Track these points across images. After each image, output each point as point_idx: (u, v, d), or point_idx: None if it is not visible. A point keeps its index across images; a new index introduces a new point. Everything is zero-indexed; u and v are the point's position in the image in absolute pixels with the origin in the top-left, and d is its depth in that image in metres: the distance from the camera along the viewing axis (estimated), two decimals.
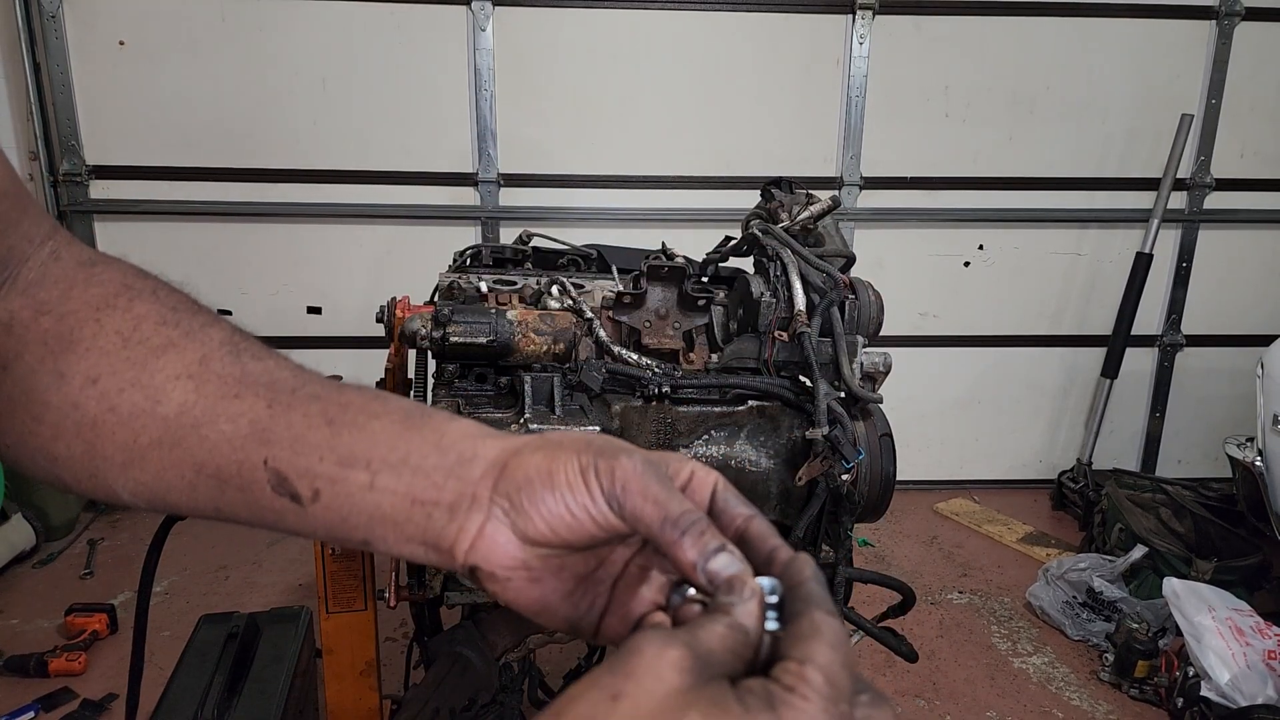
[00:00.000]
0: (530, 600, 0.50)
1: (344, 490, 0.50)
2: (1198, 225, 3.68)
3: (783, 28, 3.37)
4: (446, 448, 0.50)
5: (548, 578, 0.50)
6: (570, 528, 0.47)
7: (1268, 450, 2.58)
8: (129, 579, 2.87)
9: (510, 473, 0.48)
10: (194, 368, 0.54)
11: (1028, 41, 3.45)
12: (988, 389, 3.80)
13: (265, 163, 3.29)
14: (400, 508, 0.50)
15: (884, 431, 1.41)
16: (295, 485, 0.51)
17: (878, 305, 1.43)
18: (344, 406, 0.53)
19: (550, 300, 1.45)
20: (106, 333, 0.54)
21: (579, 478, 0.46)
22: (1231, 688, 2.18)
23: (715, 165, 3.45)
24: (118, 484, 0.54)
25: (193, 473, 0.53)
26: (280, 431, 0.52)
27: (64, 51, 3.11)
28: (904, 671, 2.51)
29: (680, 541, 0.43)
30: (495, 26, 3.25)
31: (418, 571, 1.41)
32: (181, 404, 0.53)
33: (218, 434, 0.52)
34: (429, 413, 0.53)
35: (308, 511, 0.51)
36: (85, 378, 0.53)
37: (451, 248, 1.86)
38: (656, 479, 0.45)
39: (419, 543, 0.50)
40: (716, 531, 0.44)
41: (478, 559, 0.49)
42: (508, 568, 0.49)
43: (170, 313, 0.56)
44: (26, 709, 2.22)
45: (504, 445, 0.50)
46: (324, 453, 0.51)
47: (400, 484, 0.50)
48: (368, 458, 0.50)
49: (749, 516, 0.47)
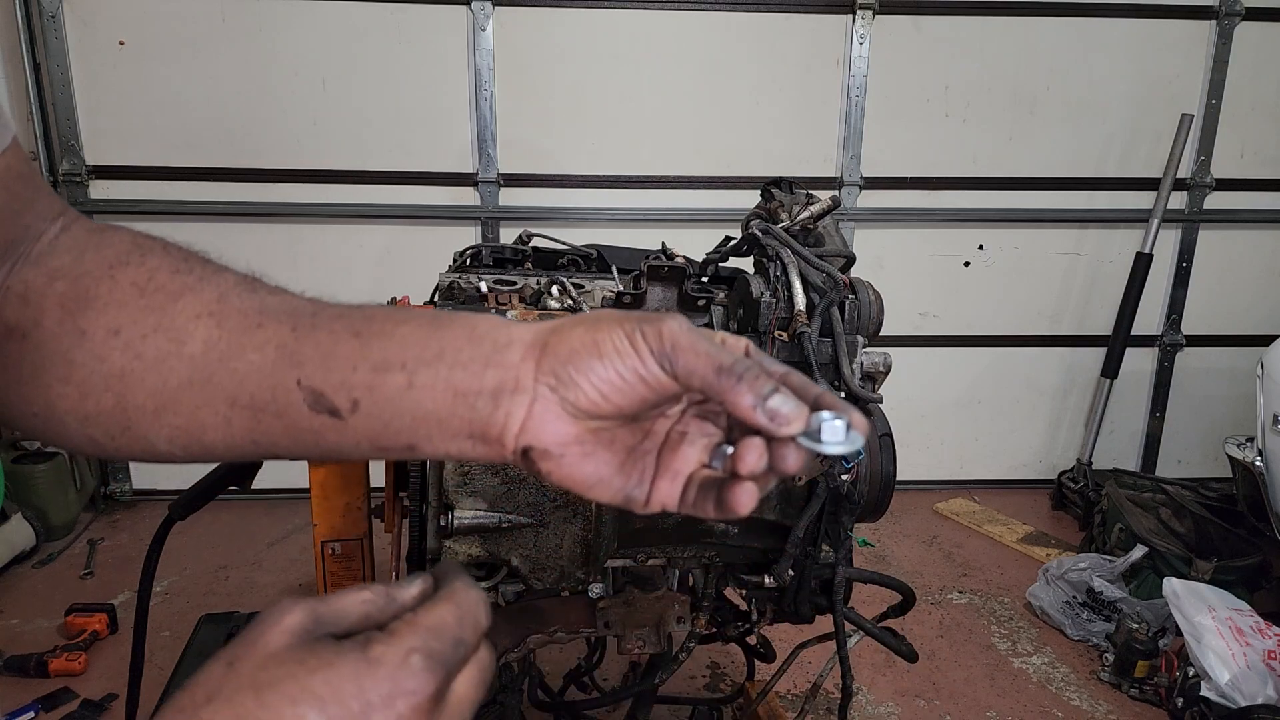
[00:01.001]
0: (585, 475, 0.51)
1: (383, 395, 0.50)
2: (1198, 225, 3.68)
3: (783, 28, 3.37)
4: (480, 338, 0.51)
5: (599, 451, 0.51)
6: (622, 392, 0.48)
7: (1268, 450, 2.58)
8: (129, 579, 2.87)
9: (553, 349, 0.49)
10: (213, 305, 0.54)
11: (1028, 41, 3.45)
12: (987, 389, 3.80)
13: (265, 163, 3.29)
14: (443, 402, 0.50)
15: (884, 431, 1.41)
16: (332, 399, 0.51)
17: (878, 305, 1.43)
18: (368, 319, 0.53)
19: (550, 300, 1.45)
20: (122, 286, 0.54)
21: (626, 342, 0.47)
22: (1231, 688, 2.18)
23: (715, 165, 3.45)
24: (152, 432, 0.54)
25: (226, 407, 0.53)
26: (309, 352, 0.51)
27: (64, 51, 3.11)
28: (904, 671, 2.51)
29: (737, 387, 0.45)
30: (495, 26, 3.25)
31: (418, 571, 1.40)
32: (206, 341, 0.53)
33: (246, 364, 0.52)
34: (455, 312, 0.54)
35: (348, 424, 0.51)
36: (107, 330, 0.53)
37: (451, 248, 1.86)
38: (703, 336, 0.47)
39: (466, 436, 0.51)
40: (769, 374, 0.46)
41: (529, 439, 0.50)
42: (561, 444, 0.50)
43: (182, 262, 0.56)
44: (26, 709, 2.22)
45: (539, 327, 0.51)
46: (356, 362, 0.51)
47: (439, 379, 0.50)
48: (402, 360, 0.50)
49: (785, 373, 0.48)
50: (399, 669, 0.37)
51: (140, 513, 3.41)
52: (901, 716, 2.36)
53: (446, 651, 0.40)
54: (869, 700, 2.41)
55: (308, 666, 0.37)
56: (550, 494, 1.30)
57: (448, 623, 0.41)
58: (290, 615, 0.39)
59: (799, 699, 2.35)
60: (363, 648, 0.38)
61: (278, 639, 0.38)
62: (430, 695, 0.38)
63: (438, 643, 0.39)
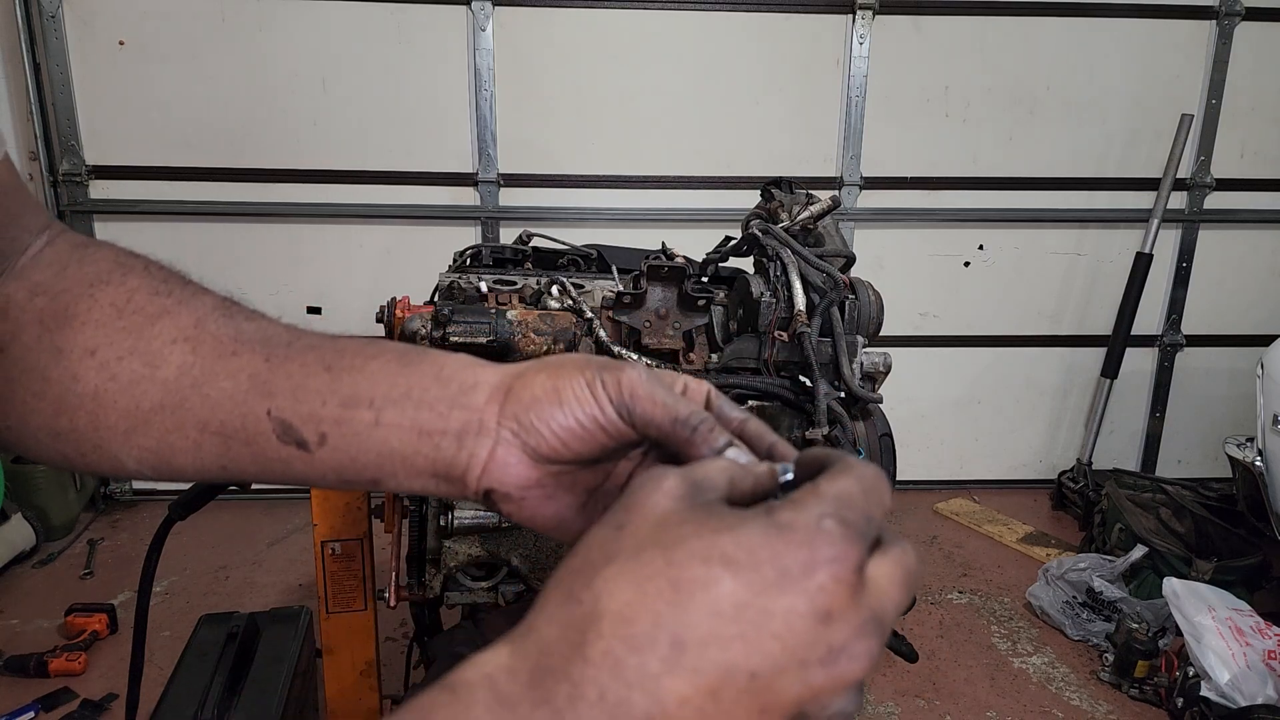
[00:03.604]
0: (546, 517, 0.52)
1: (350, 430, 0.51)
2: (1198, 225, 3.68)
3: (783, 28, 3.37)
4: (447, 379, 0.52)
5: (561, 494, 0.52)
6: (581, 440, 0.49)
7: (1268, 450, 2.58)
8: (129, 579, 2.87)
9: (516, 394, 0.50)
10: (189, 330, 0.55)
11: (1028, 41, 3.45)
12: (987, 389, 3.80)
13: (265, 163, 3.29)
14: (408, 441, 0.51)
15: (884, 431, 1.41)
16: (301, 431, 0.52)
17: (878, 305, 1.43)
18: (339, 352, 0.53)
19: (550, 300, 1.45)
20: (101, 305, 0.54)
21: (586, 392, 0.48)
22: (1231, 688, 2.18)
23: (715, 165, 3.45)
24: (122, 453, 0.55)
25: (196, 432, 0.53)
26: (280, 383, 0.52)
27: (64, 51, 3.11)
28: (904, 671, 2.51)
29: (691, 440, 0.46)
30: (495, 26, 3.25)
31: (418, 571, 1.40)
32: (180, 366, 0.54)
33: (219, 391, 0.53)
34: (424, 350, 0.54)
35: (315, 456, 0.52)
36: (83, 350, 0.54)
37: (451, 248, 1.86)
38: (660, 385, 0.48)
39: (430, 475, 0.52)
40: (723, 428, 0.47)
41: (491, 482, 0.51)
42: (522, 487, 0.51)
43: (162, 284, 0.57)
44: (26, 709, 2.22)
45: (504, 371, 0.52)
46: (326, 397, 0.52)
47: (405, 418, 0.51)
48: (370, 396, 0.51)
49: (744, 419, 0.50)
50: (815, 535, 0.34)
51: (140, 513, 3.41)
52: (901, 716, 2.36)
53: (860, 523, 0.35)
54: (869, 700, 2.41)
55: (711, 527, 0.35)
56: None
57: (854, 494, 0.37)
58: (669, 479, 0.38)
59: None
60: (767, 512, 0.35)
61: (664, 502, 0.37)
62: (853, 567, 0.34)
63: (850, 512, 0.36)
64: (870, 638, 0.34)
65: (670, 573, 0.33)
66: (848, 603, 0.34)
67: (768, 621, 0.33)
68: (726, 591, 0.33)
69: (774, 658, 0.33)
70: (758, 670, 0.33)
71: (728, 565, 0.33)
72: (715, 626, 0.33)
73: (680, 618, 0.33)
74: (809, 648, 0.33)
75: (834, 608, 0.33)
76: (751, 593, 0.33)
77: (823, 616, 0.33)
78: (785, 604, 0.33)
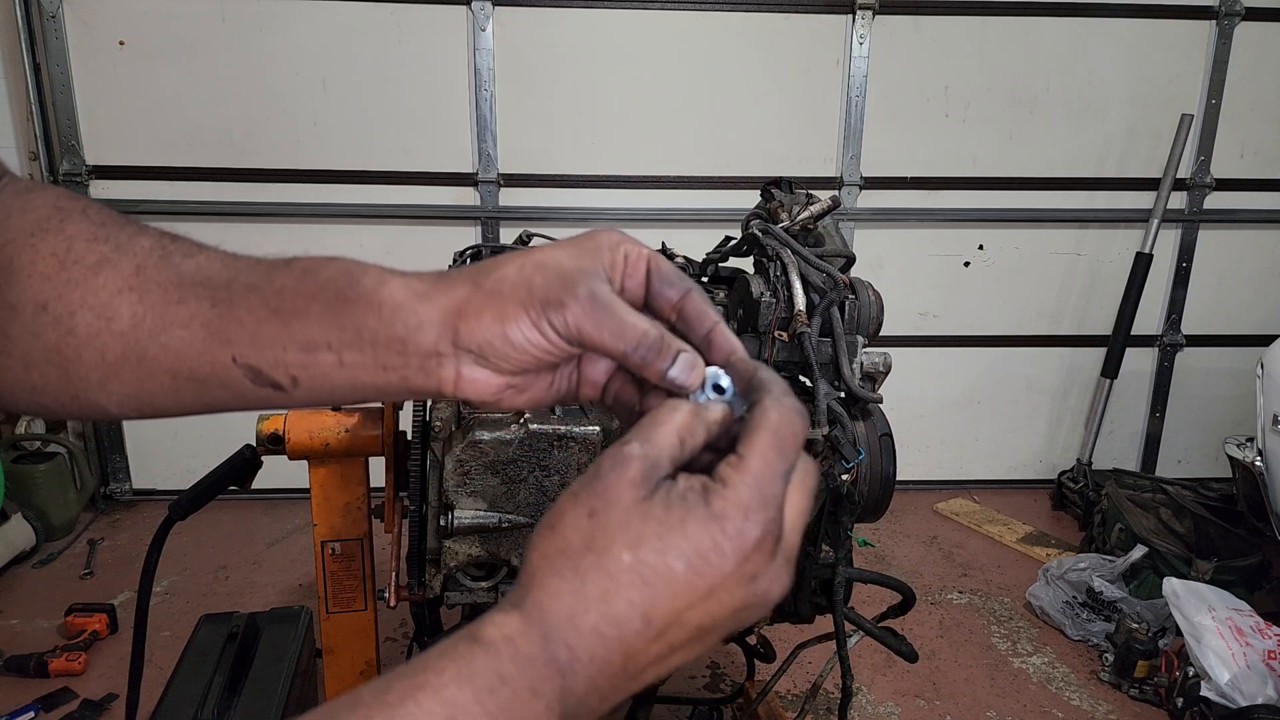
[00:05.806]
0: (522, 403, 0.55)
1: (318, 372, 0.53)
2: (1197, 225, 3.68)
3: (783, 28, 3.37)
4: (388, 319, 0.52)
5: (530, 383, 0.54)
6: (539, 360, 0.52)
7: (1268, 450, 2.58)
8: (129, 579, 2.87)
9: (465, 336, 0.51)
10: (132, 279, 0.54)
11: (1028, 41, 3.45)
12: (988, 389, 3.80)
13: (265, 163, 3.29)
14: (375, 375, 0.53)
15: (884, 431, 1.41)
16: (272, 375, 0.53)
17: (878, 305, 1.43)
18: (279, 293, 0.53)
19: None
20: (43, 256, 0.54)
21: (534, 331, 0.50)
22: (1231, 688, 2.18)
23: (715, 165, 3.45)
24: (102, 399, 0.55)
25: (169, 379, 0.54)
26: (234, 330, 0.53)
27: (64, 51, 3.11)
28: (904, 671, 2.51)
29: (643, 365, 0.50)
30: (495, 26, 3.25)
31: (418, 571, 1.41)
32: (132, 317, 0.53)
33: (177, 340, 0.53)
34: (351, 279, 0.53)
35: (293, 395, 0.54)
36: (35, 305, 0.53)
37: (451, 248, 1.86)
38: (605, 310, 0.50)
39: (406, 393, 0.54)
40: (670, 341, 0.50)
41: (464, 394, 0.53)
42: (495, 392, 0.53)
43: (99, 228, 0.56)
44: (26, 709, 2.22)
45: (444, 305, 0.52)
46: (285, 343, 0.52)
47: (365, 357, 0.52)
48: (325, 340, 0.52)
49: (685, 291, 0.53)
50: (743, 523, 0.44)
51: (140, 513, 3.41)
52: (901, 716, 2.37)
53: (777, 493, 0.45)
54: (869, 700, 2.41)
55: (666, 524, 0.44)
56: (550, 494, 1.31)
57: (771, 461, 0.46)
58: (630, 467, 0.45)
59: (799, 699, 2.35)
60: (704, 500, 0.44)
61: (629, 492, 0.44)
62: (774, 537, 0.45)
63: (769, 487, 0.45)
64: (784, 573, 0.47)
65: (637, 569, 0.43)
66: (768, 561, 0.45)
67: (714, 593, 0.44)
68: (680, 578, 0.44)
69: (715, 615, 0.45)
70: (704, 624, 0.45)
71: (679, 556, 0.43)
72: (672, 604, 0.44)
73: (647, 600, 0.43)
74: (743, 600, 0.45)
75: (758, 570, 0.45)
76: (698, 577, 0.44)
77: (750, 579, 0.45)
78: (725, 580, 0.44)
